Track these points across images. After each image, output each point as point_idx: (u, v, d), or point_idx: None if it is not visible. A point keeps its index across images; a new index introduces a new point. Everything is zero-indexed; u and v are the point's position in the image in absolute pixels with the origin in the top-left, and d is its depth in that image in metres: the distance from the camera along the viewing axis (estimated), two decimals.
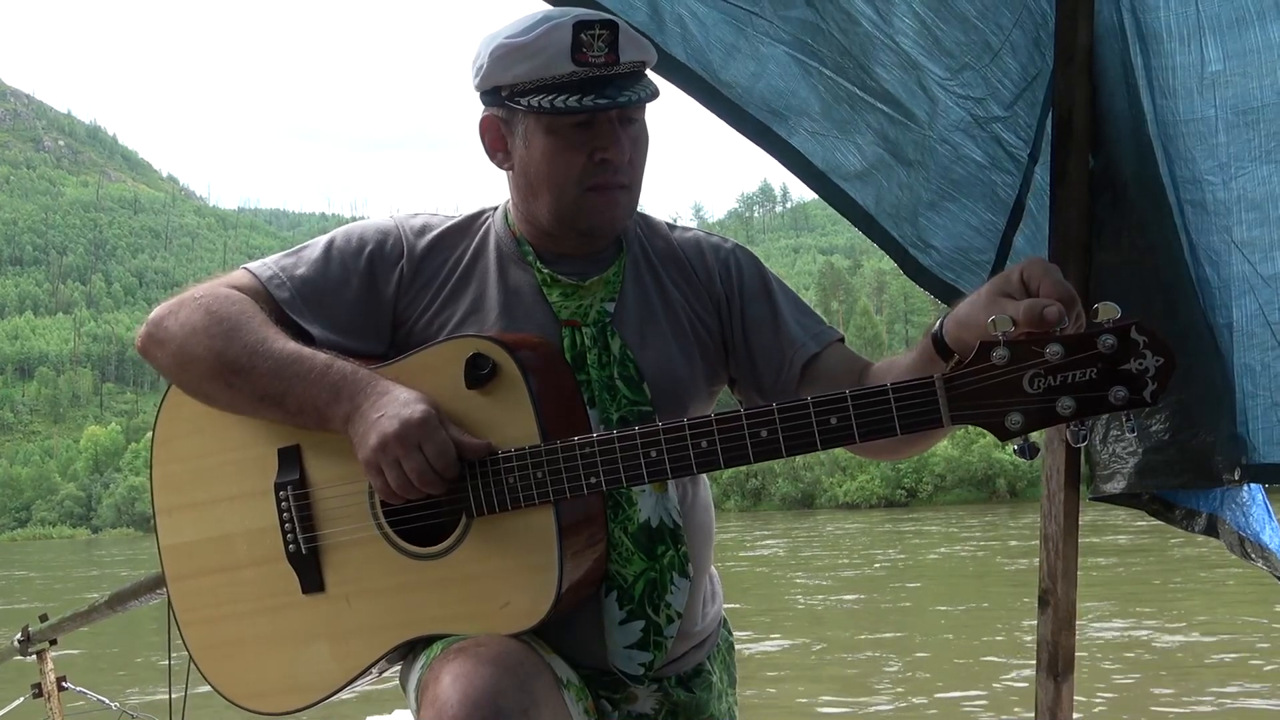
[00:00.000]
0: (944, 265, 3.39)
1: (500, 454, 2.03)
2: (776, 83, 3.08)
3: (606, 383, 2.24)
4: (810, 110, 3.13)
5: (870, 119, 3.16)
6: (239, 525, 2.24)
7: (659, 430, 1.97)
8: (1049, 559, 3.13)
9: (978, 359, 1.80)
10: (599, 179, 2.22)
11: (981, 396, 1.80)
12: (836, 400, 1.88)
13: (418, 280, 2.30)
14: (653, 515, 2.21)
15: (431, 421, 2.00)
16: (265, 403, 2.13)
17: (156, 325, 2.23)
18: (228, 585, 2.26)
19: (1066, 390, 1.75)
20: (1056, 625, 3.10)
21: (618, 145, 2.20)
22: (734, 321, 2.39)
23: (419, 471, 1.99)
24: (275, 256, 2.32)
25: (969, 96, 3.14)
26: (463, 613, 2.07)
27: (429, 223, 2.38)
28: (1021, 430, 1.79)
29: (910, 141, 3.19)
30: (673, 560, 2.22)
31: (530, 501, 2.02)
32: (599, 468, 2.00)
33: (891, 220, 3.32)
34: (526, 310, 2.28)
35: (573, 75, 2.15)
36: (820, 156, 3.20)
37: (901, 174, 3.24)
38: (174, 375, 2.23)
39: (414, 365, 2.14)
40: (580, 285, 2.31)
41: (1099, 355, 1.73)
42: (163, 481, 2.35)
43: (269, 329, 2.15)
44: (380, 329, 2.28)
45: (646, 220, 2.47)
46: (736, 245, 2.47)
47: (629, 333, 2.29)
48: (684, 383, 2.31)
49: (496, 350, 2.06)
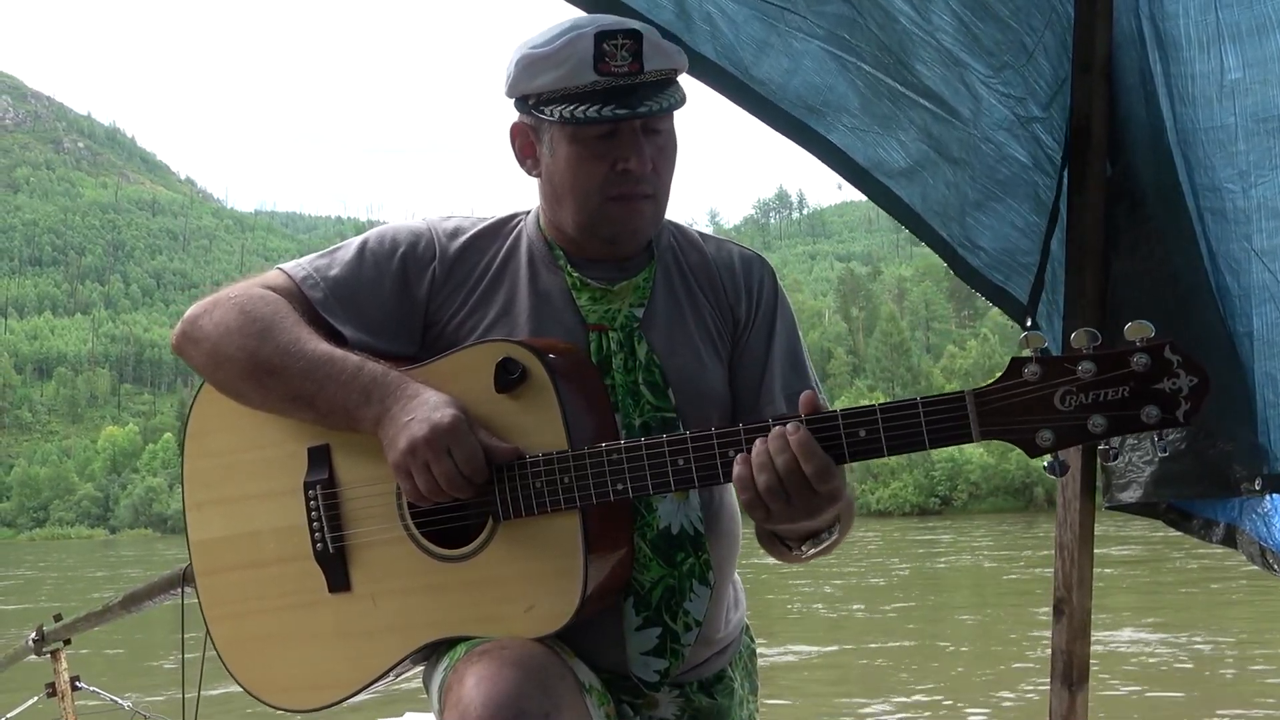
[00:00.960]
0: (992, 266, 3.37)
1: (528, 459, 2.05)
2: (812, 79, 3.04)
3: (631, 388, 2.25)
4: (849, 106, 3.10)
5: (914, 115, 3.13)
6: (268, 522, 2.26)
7: (687, 439, 1.99)
8: (1064, 567, 3.13)
9: (1009, 375, 1.81)
10: (621, 189, 2.23)
11: (1012, 412, 1.81)
12: (865, 413, 1.90)
13: (450, 282, 2.31)
14: (673, 521, 2.21)
15: (461, 426, 2.01)
16: (297, 403, 2.15)
17: (192, 324, 2.25)
18: (255, 582, 2.28)
19: (1098, 408, 1.76)
20: (1071, 634, 3.10)
21: (640, 155, 2.21)
22: (738, 346, 2.40)
23: (447, 476, 2.01)
24: (309, 257, 2.34)
25: (1011, 95, 3.12)
26: (487, 615, 2.08)
27: (461, 225, 2.39)
28: (1052, 447, 1.80)
29: (955, 139, 3.17)
30: (693, 568, 2.22)
31: (556, 507, 2.03)
32: (626, 475, 2.01)
33: (939, 219, 3.29)
34: (555, 314, 2.28)
35: (595, 85, 2.16)
36: (862, 153, 3.18)
37: (948, 172, 3.21)
38: (208, 373, 2.25)
39: (444, 368, 2.15)
40: (609, 290, 2.31)
41: (1132, 374, 1.74)
42: (193, 476, 2.36)
43: (302, 329, 2.17)
44: (412, 330, 2.30)
45: (681, 230, 2.47)
46: (770, 271, 2.46)
47: (656, 338, 2.30)
48: (709, 391, 2.32)
49: (526, 355, 2.07)
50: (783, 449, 1.90)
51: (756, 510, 1.95)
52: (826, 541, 2.14)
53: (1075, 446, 1.82)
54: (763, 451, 1.92)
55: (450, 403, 2.04)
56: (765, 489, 1.91)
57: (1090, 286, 3.10)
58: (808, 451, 1.89)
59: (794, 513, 1.93)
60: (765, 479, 1.91)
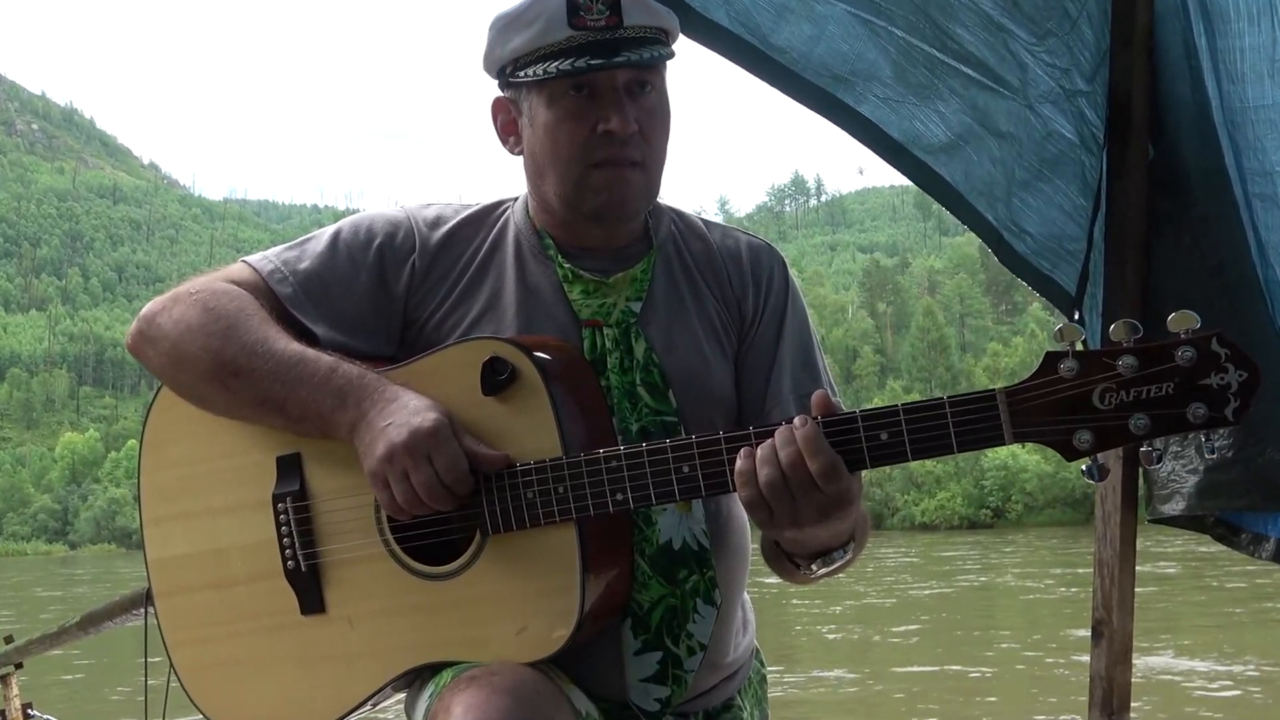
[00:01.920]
0: (1038, 253, 3.34)
1: (519, 466, 2.04)
2: (838, 45, 3.01)
3: (627, 389, 2.24)
4: (881, 75, 3.06)
5: (955, 84, 3.10)
6: (233, 539, 2.25)
7: (692, 443, 1.98)
8: (1103, 586, 3.12)
9: (1043, 371, 1.80)
10: (604, 153, 2.21)
11: (1047, 412, 1.80)
12: (888, 414, 1.89)
13: (430, 276, 2.31)
14: (674, 536, 2.20)
15: (444, 431, 2.00)
16: (265, 407, 2.14)
17: (148, 322, 2.24)
18: (220, 603, 2.26)
19: (1140, 406, 1.75)
20: (1111, 659, 3.09)
21: (621, 114, 2.19)
22: (745, 342, 2.39)
23: (427, 485, 2.00)
24: (276, 249, 2.33)
25: (1055, 65, 3.10)
26: (475, 638, 2.07)
27: (443, 214, 2.38)
28: (1091, 450, 1.79)
29: (1002, 110, 3.14)
30: (697, 586, 2.20)
31: (550, 519, 2.03)
32: (626, 483, 2.00)
33: (984, 199, 3.26)
34: (545, 309, 2.28)
35: (571, 41, 2.16)
36: (897, 127, 3.15)
37: (994, 147, 3.18)
38: (167, 376, 2.24)
39: (425, 368, 2.15)
40: (604, 282, 2.30)
41: (1176, 369, 1.73)
42: (151, 489, 2.35)
43: (270, 327, 2.16)
44: (389, 328, 2.29)
45: (683, 217, 2.46)
46: (780, 261, 2.45)
47: (655, 335, 2.29)
48: (714, 392, 2.31)
49: (515, 353, 2.06)
50: (788, 442, 1.90)
51: (759, 510, 1.93)
52: (839, 561, 2.10)
53: (1116, 449, 1.81)
54: (768, 446, 1.91)
55: (433, 406, 2.04)
56: (766, 483, 1.90)
57: (1131, 278, 3.10)
58: (815, 447, 1.88)
59: (798, 515, 1.92)
60: (767, 473, 1.90)
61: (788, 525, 1.94)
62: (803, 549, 2.08)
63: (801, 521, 1.92)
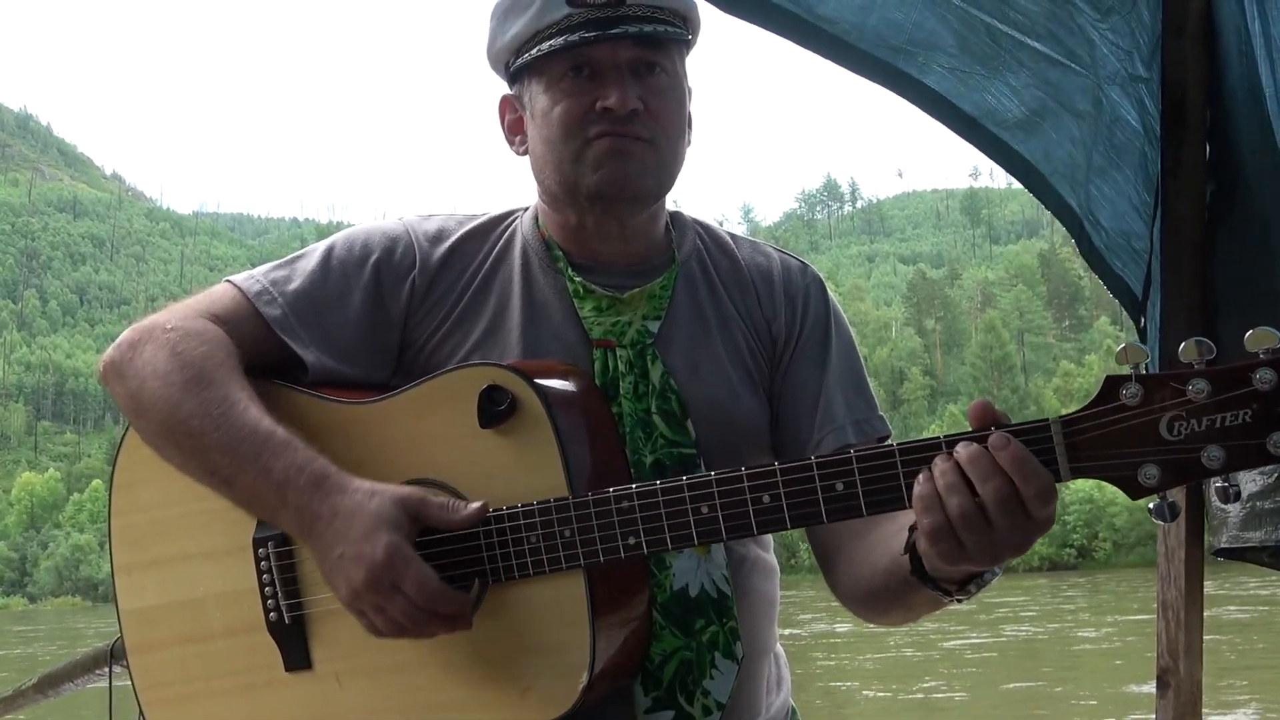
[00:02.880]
0: (1111, 248, 3.33)
1: (520, 507, 2.03)
2: (893, 14, 3.00)
3: (641, 417, 2.23)
4: (943, 44, 3.05)
5: (1023, 56, 3.08)
6: (211, 588, 2.25)
7: (711, 480, 1.95)
8: (1168, 631, 3.09)
9: (1104, 397, 1.76)
10: (602, 126, 2.21)
11: (1109, 444, 1.76)
12: (930, 447, 1.84)
13: (431, 294, 2.31)
14: (691, 581, 2.19)
15: (399, 555, 1.96)
16: (215, 479, 2.14)
17: (121, 354, 2.23)
18: (197, 658, 2.27)
19: (1214, 437, 1.70)
20: (1179, 711, 3.06)
21: (620, 90, 2.20)
22: (779, 368, 2.37)
23: (407, 616, 1.98)
24: (265, 267, 2.34)
25: (1119, 46, 3.10)
26: (474, 699, 2.07)
27: (445, 227, 2.39)
28: (1158, 486, 1.74)
29: (1077, 87, 3.12)
30: (715, 637, 2.19)
31: (556, 566, 2.01)
32: (639, 526, 1.98)
33: (1067, 183, 3.23)
34: (553, 327, 2.28)
35: (569, 20, 2.19)
36: (968, 99, 3.13)
37: (1072, 126, 3.17)
38: (130, 418, 2.25)
39: (419, 397, 2.15)
40: (618, 299, 2.30)
41: (1254, 394, 1.68)
42: (122, 534, 2.35)
43: (233, 384, 2.14)
44: (385, 351, 2.30)
45: (710, 231, 2.45)
46: (817, 279, 2.44)
47: (675, 358, 2.28)
48: (738, 423, 2.30)
49: (516, 381, 2.05)
50: (993, 472, 1.76)
51: (942, 542, 1.80)
52: (989, 582, 1.98)
53: (1187, 485, 1.77)
54: (951, 471, 1.79)
55: (380, 519, 1.98)
56: (959, 515, 1.76)
57: (1188, 284, 3.09)
58: (1029, 469, 1.76)
59: (998, 545, 1.79)
60: (958, 502, 1.77)
61: (985, 559, 1.81)
62: (962, 573, 1.94)
63: (1001, 553, 1.80)
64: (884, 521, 2.11)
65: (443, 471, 2.11)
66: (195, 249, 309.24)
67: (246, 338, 2.24)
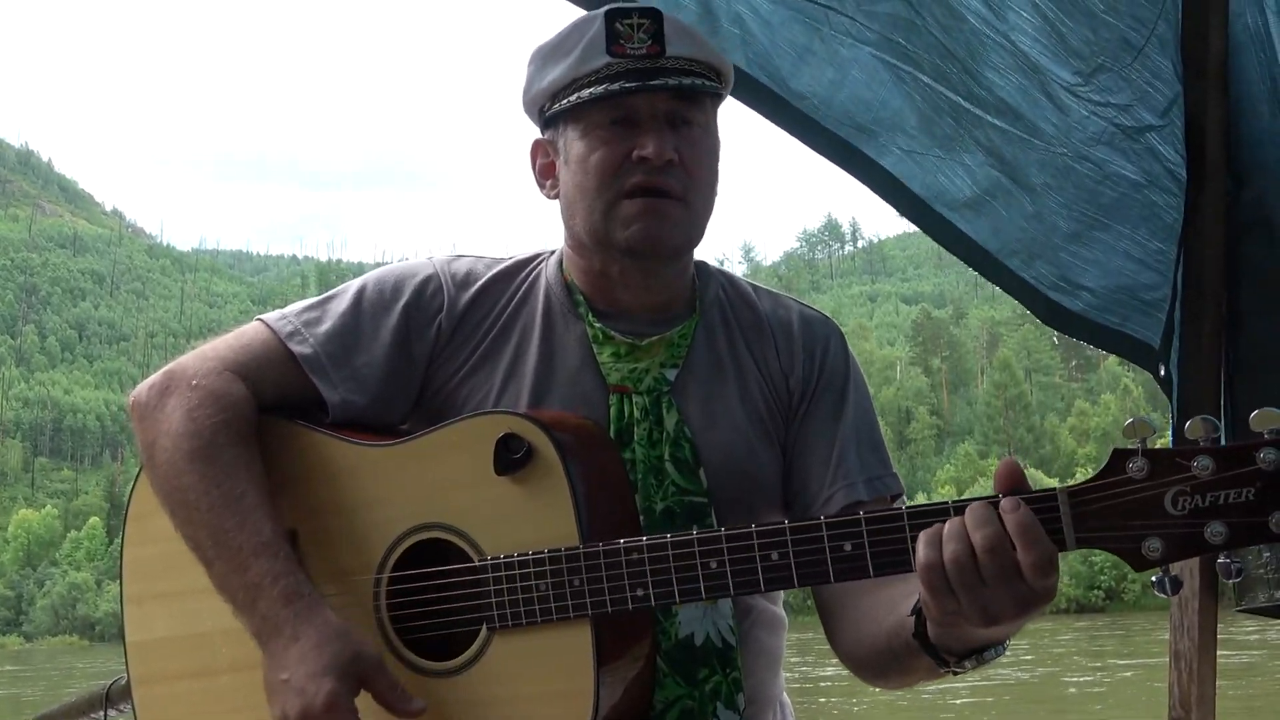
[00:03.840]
0: (1101, 308, 3.33)
1: (531, 555, 2.04)
2: (861, 92, 3.05)
3: (654, 465, 2.24)
4: (905, 124, 3.10)
5: (979, 135, 3.12)
6: (219, 622, 2.23)
7: (721, 536, 1.97)
8: (1180, 681, 3.09)
9: (1110, 470, 1.79)
10: (637, 179, 2.23)
11: (1114, 515, 1.79)
12: (939, 512, 1.87)
13: (456, 338, 2.34)
14: (697, 630, 2.20)
15: (338, 708, 1.98)
16: (198, 554, 2.16)
17: (150, 398, 2.25)
18: (203, 693, 2.27)
19: (1217, 514, 1.73)
20: None
21: (659, 140, 2.22)
22: (794, 419, 2.37)
23: None
24: (296, 307, 2.36)
25: (1109, 104, 3.11)
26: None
27: (474, 270, 2.40)
28: (1161, 559, 1.77)
29: (1033, 161, 3.15)
30: (718, 687, 2.19)
31: (564, 615, 2.02)
32: (648, 578, 1.99)
33: (1019, 258, 3.26)
34: (570, 372, 2.30)
35: (610, 68, 2.21)
36: (920, 181, 3.17)
37: (1025, 202, 3.19)
38: (143, 463, 2.27)
39: (436, 442, 2.16)
40: (637, 345, 2.31)
41: (1258, 472, 1.71)
42: (133, 565, 2.37)
43: (238, 466, 2.16)
44: (407, 393, 2.32)
45: (733, 282, 2.46)
46: (837, 333, 2.44)
47: (691, 407, 2.29)
48: (752, 474, 2.30)
49: (532, 430, 2.07)
50: (987, 520, 1.79)
51: (943, 599, 1.81)
52: (991, 659, 1.98)
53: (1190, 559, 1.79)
54: (955, 523, 1.82)
55: (332, 665, 2.00)
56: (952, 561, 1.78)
57: (1208, 336, 3.09)
58: (1032, 536, 1.77)
59: (991, 608, 1.79)
60: (954, 550, 1.79)
61: (978, 617, 1.81)
62: (964, 645, 1.94)
63: (996, 614, 1.80)
64: (894, 583, 2.11)
65: (455, 516, 2.13)
66: (195, 285, 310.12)
67: (273, 382, 2.27)
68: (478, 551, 2.10)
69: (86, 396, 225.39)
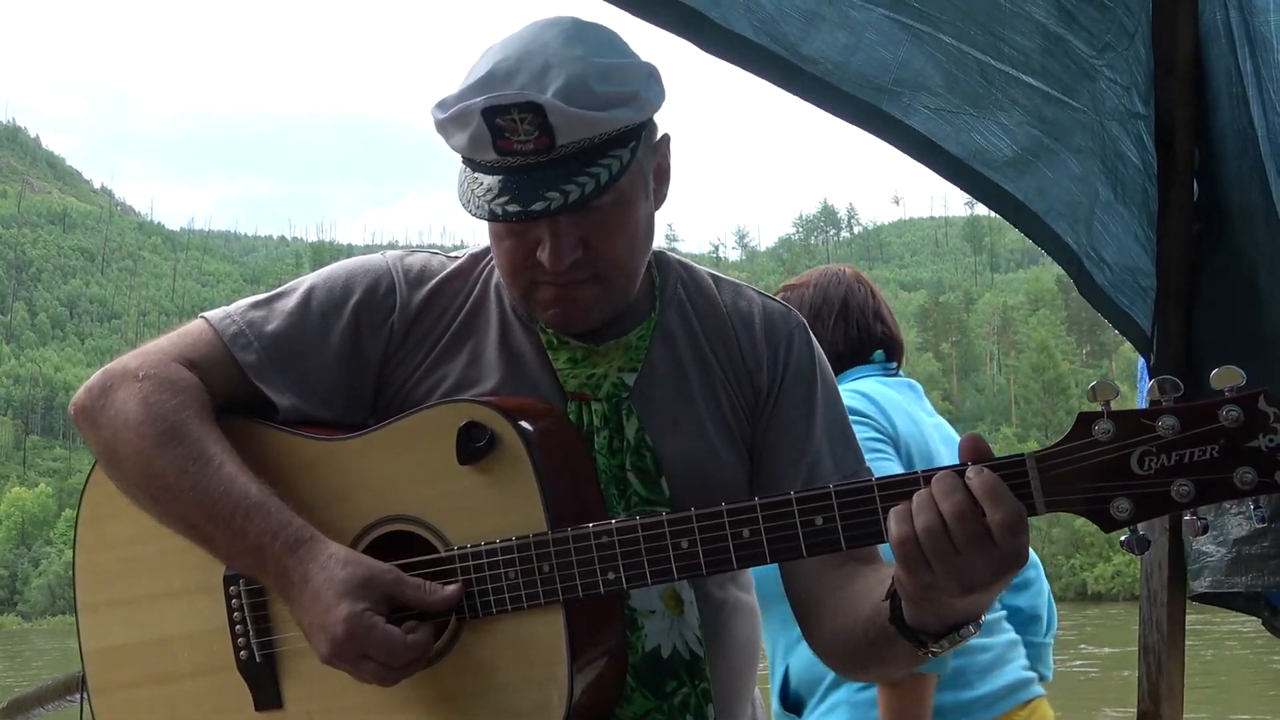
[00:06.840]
0: (1116, 286, 3.32)
1: (499, 543, 2.03)
2: (879, 53, 2.97)
3: (615, 474, 2.22)
4: (929, 83, 3.03)
5: (1016, 94, 3.07)
6: (180, 626, 2.24)
7: (692, 517, 1.97)
8: (1149, 674, 3.09)
9: (1076, 433, 1.81)
10: (544, 277, 2.18)
11: (1082, 478, 1.81)
12: (908, 482, 1.89)
13: (410, 338, 2.30)
14: (664, 642, 2.19)
15: (359, 626, 1.97)
16: (194, 535, 2.15)
17: (93, 398, 2.22)
18: (165, 699, 2.25)
19: (1183, 471, 1.76)
20: None
21: (556, 250, 2.13)
22: (761, 419, 2.34)
23: (380, 678, 2.01)
24: (243, 304, 2.31)
25: (1117, 82, 3.09)
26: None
27: (428, 267, 2.36)
28: (1130, 520, 1.79)
29: (1077, 123, 3.10)
30: (687, 700, 2.18)
31: (534, 601, 2.02)
32: (619, 561, 1.99)
33: (1065, 221, 3.20)
34: (528, 379, 2.26)
35: (497, 165, 2.10)
36: (954, 140, 3.09)
37: (1072, 163, 3.14)
38: (104, 468, 2.25)
39: (397, 433, 2.15)
40: (593, 349, 2.28)
41: (1221, 429, 1.74)
42: (88, 571, 2.34)
43: (207, 440, 2.15)
44: (360, 396, 2.28)
45: (691, 273, 2.41)
46: (801, 326, 2.39)
47: (651, 413, 2.26)
48: (716, 480, 2.26)
49: (495, 418, 2.06)
50: (955, 489, 1.82)
51: (918, 571, 1.84)
52: (966, 637, 1.99)
53: (1159, 518, 1.81)
54: (924, 495, 1.85)
55: (344, 590, 2.00)
56: (924, 531, 1.81)
57: (1174, 328, 3.10)
58: (998, 495, 1.81)
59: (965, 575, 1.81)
60: (925, 520, 1.82)
61: (953, 587, 1.83)
62: (940, 621, 1.96)
63: (970, 581, 1.82)
64: (866, 574, 2.14)
65: (419, 508, 2.12)
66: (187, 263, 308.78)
67: (220, 381, 2.23)
68: (444, 542, 2.09)
69: (78, 374, 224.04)
